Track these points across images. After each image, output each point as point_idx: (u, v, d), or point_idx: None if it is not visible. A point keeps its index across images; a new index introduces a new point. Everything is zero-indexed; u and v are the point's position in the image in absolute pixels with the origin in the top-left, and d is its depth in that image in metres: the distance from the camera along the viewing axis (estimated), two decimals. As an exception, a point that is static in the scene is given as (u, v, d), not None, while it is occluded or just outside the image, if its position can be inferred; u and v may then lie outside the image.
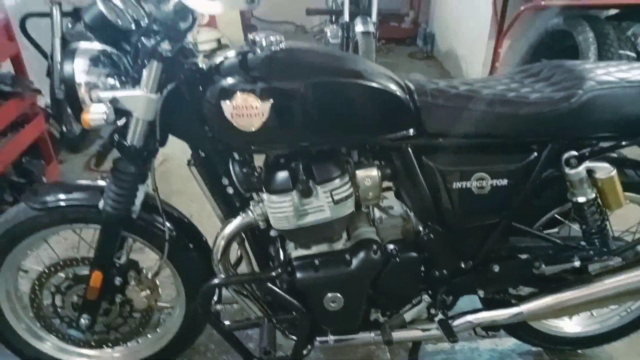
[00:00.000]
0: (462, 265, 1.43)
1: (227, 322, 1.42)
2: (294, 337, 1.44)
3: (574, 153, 1.31)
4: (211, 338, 1.80)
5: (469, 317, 1.47)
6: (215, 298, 1.43)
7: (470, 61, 4.08)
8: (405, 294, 1.46)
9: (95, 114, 1.15)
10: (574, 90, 1.26)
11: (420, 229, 1.41)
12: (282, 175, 1.28)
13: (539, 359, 1.79)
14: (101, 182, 1.41)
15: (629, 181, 1.41)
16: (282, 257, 1.38)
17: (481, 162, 1.32)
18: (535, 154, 1.32)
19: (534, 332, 1.69)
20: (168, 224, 1.44)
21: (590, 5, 3.01)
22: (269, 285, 1.34)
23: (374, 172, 1.33)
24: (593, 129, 1.29)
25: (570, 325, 1.73)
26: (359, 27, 2.97)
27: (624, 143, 1.32)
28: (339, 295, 1.38)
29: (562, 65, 1.39)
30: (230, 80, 1.19)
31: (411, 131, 1.30)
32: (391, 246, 1.41)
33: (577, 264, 1.39)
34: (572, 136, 1.30)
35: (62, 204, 1.41)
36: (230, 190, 1.38)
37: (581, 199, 1.35)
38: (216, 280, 1.34)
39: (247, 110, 1.19)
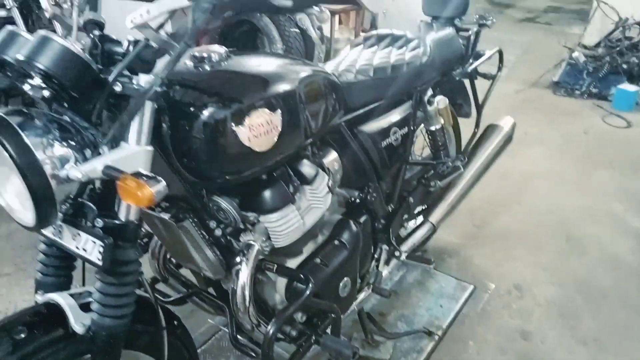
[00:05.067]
0: (390, 210, 1.71)
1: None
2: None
3: (431, 92, 1.75)
4: None
5: (411, 241, 1.77)
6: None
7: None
8: (372, 252, 1.63)
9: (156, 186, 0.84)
10: (422, 47, 1.68)
11: (356, 194, 1.57)
12: (277, 191, 1.23)
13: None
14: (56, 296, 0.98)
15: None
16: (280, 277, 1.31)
17: (391, 118, 1.61)
18: (410, 101, 1.70)
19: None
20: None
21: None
22: (313, 299, 1.27)
23: (335, 154, 1.42)
24: (435, 72, 1.75)
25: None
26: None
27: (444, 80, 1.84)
28: (346, 278, 1.44)
29: (388, 34, 1.79)
30: (237, 101, 1.05)
31: (343, 110, 1.44)
32: (348, 218, 1.54)
33: (462, 170, 1.88)
34: (426, 81, 1.73)
35: None
36: (218, 232, 1.21)
37: (435, 127, 1.82)
38: (276, 323, 1.18)
39: (264, 127, 1.09)
